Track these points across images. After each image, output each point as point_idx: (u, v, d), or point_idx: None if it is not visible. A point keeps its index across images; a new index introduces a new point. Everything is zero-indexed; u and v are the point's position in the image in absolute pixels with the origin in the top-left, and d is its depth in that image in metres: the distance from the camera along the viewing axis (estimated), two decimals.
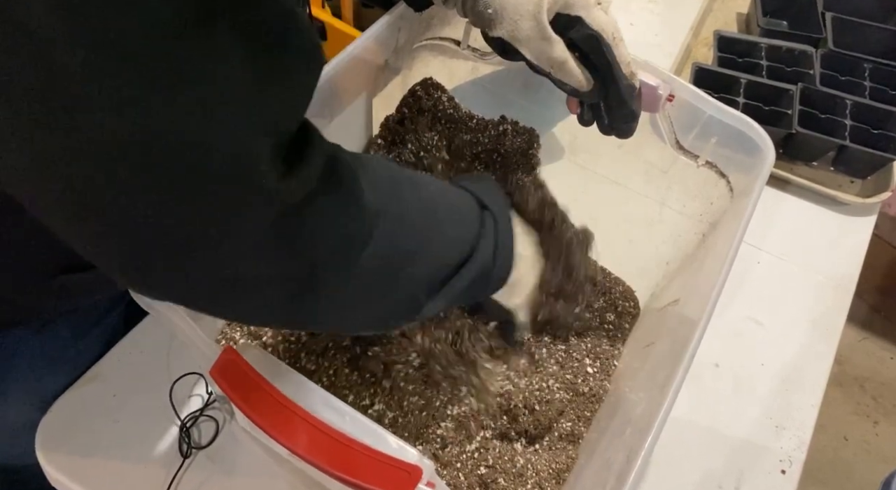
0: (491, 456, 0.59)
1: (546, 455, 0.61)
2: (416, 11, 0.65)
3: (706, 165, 0.67)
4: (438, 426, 0.60)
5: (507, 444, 0.61)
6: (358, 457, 0.40)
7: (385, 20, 0.64)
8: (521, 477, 0.58)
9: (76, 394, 0.63)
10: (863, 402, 1.75)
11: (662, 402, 0.47)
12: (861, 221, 0.90)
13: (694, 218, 0.71)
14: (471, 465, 0.59)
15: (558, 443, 0.62)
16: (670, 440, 0.66)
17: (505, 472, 0.58)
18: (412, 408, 0.59)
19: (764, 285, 0.82)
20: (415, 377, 0.60)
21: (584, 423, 0.63)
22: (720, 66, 1.00)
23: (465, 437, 0.60)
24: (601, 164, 0.76)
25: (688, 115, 0.65)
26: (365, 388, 0.59)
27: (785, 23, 1.14)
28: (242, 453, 0.61)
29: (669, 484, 0.65)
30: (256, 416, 0.40)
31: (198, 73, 0.27)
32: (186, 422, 0.61)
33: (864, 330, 1.89)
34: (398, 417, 0.59)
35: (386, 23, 0.64)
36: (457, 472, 0.58)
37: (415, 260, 0.45)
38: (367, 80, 0.68)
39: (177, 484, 0.58)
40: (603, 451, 0.56)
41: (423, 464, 0.40)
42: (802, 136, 0.91)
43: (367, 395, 0.59)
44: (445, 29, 0.74)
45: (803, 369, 0.75)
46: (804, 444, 0.70)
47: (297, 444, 0.40)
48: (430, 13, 0.68)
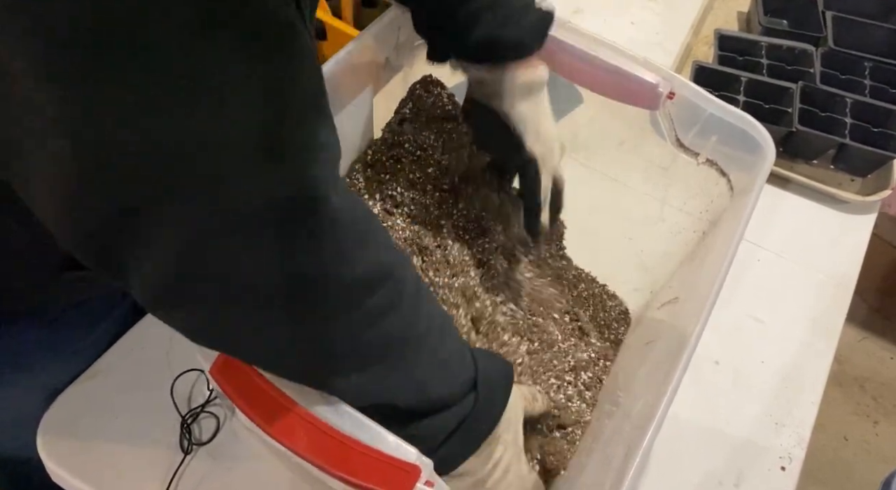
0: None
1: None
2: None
3: (706, 163, 0.68)
4: None
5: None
6: (357, 456, 0.40)
7: (385, 18, 0.64)
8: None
9: (78, 389, 0.63)
10: (863, 402, 1.75)
11: (662, 399, 0.47)
12: (861, 220, 0.90)
13: (694, 216, 0.71)
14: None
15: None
16: (670, 437, 0.66)
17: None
18: None
19: (764, 283, 0.82)
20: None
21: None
22: (721, 65, 1.00)
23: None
24: (601, 161, 0.76)
25: (688, 113, 0.65)
26: None
27: (785, 21, 1.14)
28: (243, 449, 0.61)
29: (669, 481, 0.66)
30: (256, 415, 0.40)
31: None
32: (187, 418, 0.61)
33: (864, 330, 1.89)
34: None
35: (386, 21, 0.64)
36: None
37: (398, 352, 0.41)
38: (368, 78, 0.68)
39: (178, 480, 0.59)
40: (602, 448, 0.56)
41: (421, 462, 0.40)
42: (803, 134, 0.91)
43: None
44: None
45: (803, 367, 0.75)
46: (804, 441, 0.70)
47: (296, 443, 0.40)
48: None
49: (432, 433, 0.45)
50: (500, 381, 0.49)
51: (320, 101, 0.35)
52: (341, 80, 0.63)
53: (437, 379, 0.44)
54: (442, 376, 0.44)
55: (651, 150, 0.70)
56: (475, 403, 0.46)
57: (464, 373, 0.46)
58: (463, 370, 0.46)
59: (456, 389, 0.45)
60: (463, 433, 0.46)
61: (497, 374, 0.49)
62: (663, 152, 0.69)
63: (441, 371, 0.44)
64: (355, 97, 0.67)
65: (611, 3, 1.15)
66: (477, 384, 0.46)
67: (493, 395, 0.48)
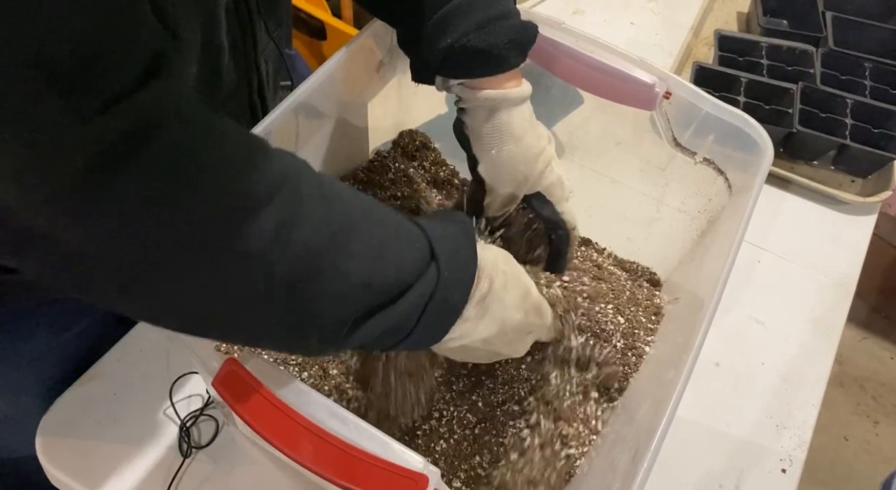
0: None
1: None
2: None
3: (704, 162, 0.67)
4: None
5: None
6: (363, 466, 0.40)
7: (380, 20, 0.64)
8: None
9: (77, 392, 0.63)
10: (863, 402, 1.75)
11: (667, 403, 0.47)
12: (862, 221, 0.90)
13: (692, 215, 0.71)
14: None
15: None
16: (671, 439, 0.66)
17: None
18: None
19: (765, 284, 0.82)
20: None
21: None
22: (721, 66, 1.00)
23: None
24: (599, 162, 0.76)
25: (685, 112, 0.65)
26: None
27: (785, 22, 1.14)
28: (242, 453, 0.61)
29: (670, 483, 0.65)
30: (260, 427, 0.40)
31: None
32: (186, 421, 0.61)
33: (865, 330, 1.88)
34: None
35: (381, 22, 0.64)
36: None
37: (319, 268, 0.37)
38: (364, 79, 0.68)
39: (177, 483, 0.58)
40: (607, 451, 0.56)
41: (428, 471, 0.40)
42: (803, 135, 0.91)
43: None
44: None
45: (804, 368, 0.75)
46: (804, 444, 0.70)
47: (302, 455, 0.39)
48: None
49: (402, 320, 0.42)
50: (459, 241, 0.45)
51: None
52: (338, 80, 0.63)
53: (380, 269, 0.40)
54: (386, 264, 0.40)
55: (648, 149, 0.70)
56: (439, 274, 0.43)
57: (411, 250, 0.42)
58: (409, 247, 0.42)
59: (408, 268, 0.41)
60: (437, 305, 0.43)
61: (454, 232, 0.45)
62: (661, 152, 0.69)
63: (382, 260, 0.40)
64: (352, 98, 0.67)
65: (611, 4, 1.15)
66: (434, 254, 0.43)
67: (457, 257, 0.44)
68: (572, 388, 0.63)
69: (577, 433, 0.61)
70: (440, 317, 0.44)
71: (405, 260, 0.41)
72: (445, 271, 0.43)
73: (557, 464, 0.59)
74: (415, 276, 0.42)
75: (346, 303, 0.39)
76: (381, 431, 0.41)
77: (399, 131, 0.79)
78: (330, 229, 0.38)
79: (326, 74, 0.59)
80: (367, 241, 0.40)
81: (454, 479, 0.58)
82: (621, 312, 0.66)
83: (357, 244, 0.39)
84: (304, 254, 0.36)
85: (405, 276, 0.41)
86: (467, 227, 0.47)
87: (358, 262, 0.39)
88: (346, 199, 0.40)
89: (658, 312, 0.69)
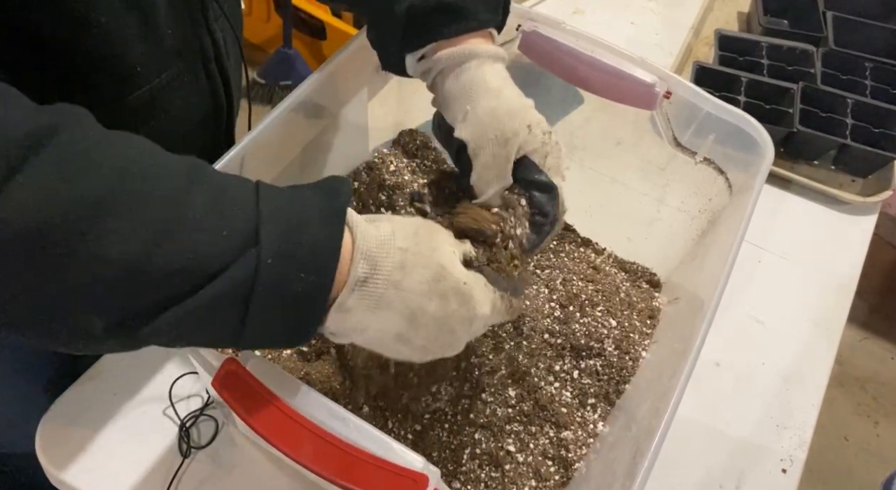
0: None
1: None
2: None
3: (704, 162, 0.67)
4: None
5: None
6: (363, 466, 0.40)
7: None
8: None
9: (76, 392, 0.63)
10: (863, 402, 1.74)
11: (668, 403, 0.47)
12: (862, 220, 0.90)
13: (692, 215, 0.71)
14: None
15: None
16: (671, 438, 0.65)
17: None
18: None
19: (765, 284, 0.82)
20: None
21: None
22: (721, 65, 1.00)
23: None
24: (599, 161, 0.76)
25: (685, 112, 0.65)
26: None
27: (786, 22, 1.14)
28: (242, 453, 0.61)
29: (670, 482, 0.65)
30: (261, 427, 0.40)
31: None
32: (186, 421, 0.61)
33: (865, 330, 1.88)
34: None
35: None
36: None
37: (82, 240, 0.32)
38: (365, 78, 0.68)
39: (177, 483, 0.58)
40: (606, 453, 0.56)
41: (429, 471, 0.40)
42: (803, 134, 0.91)
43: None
44: None
45: (804, 368, 0.75)
46: (805, 444, 0.70)
47: (302, 455, 0.39)
48: None
49: (210, 313, 0.35)
50: (309, 214, 0.37)
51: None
52: (339, 80, 0.63)
53: (160, 254, 0.33)
54: (170, 248, 0.34)
55: (649, 149, 0.70)
56: (258, 259, 0.35)
57: (217, 230, 0.35)
58: (217, 227, 0.35)
59: (208, 253, 0.35)
60: (270, 295, 0.36)
61: (308, 204, 0.38)
62: (661, 152, 0.69)
63: (162, 244, 0.34)
64: (352, 97, 0.67)
65: (611, 4, 1.15)
66: (259, 234, 0.36)
67: (300, 235, 0.37)
68: (570, 392, 0.63)
69: (576, 438, 0.61)
70: (287, 309, 0.37)
71: (203, 243, 0.34)
72: (272, 256, 0.35)
73: (556, 466, 0.59)
74: (221, 263, 0.35)
75: (109, 292, 0.33)
76: (381, 432, 0.41)
77: (399, 131, 0.78)
78: (80, 205, 0.32)
79: (326, 74, 0.59)
80: (138, 219, 0.33)
81: (454, 480, 0.57)
82: (613, 314, 0.67)
83: (121, 222, 0.33)
84: (40, 227, 0.31)
85: (203, 264, 0.34)
86: (336, 194, 0.39)
87: (119, 245, 0.32)
88: (118, 168, 0.34)
89: (653, 315, 0.69)
